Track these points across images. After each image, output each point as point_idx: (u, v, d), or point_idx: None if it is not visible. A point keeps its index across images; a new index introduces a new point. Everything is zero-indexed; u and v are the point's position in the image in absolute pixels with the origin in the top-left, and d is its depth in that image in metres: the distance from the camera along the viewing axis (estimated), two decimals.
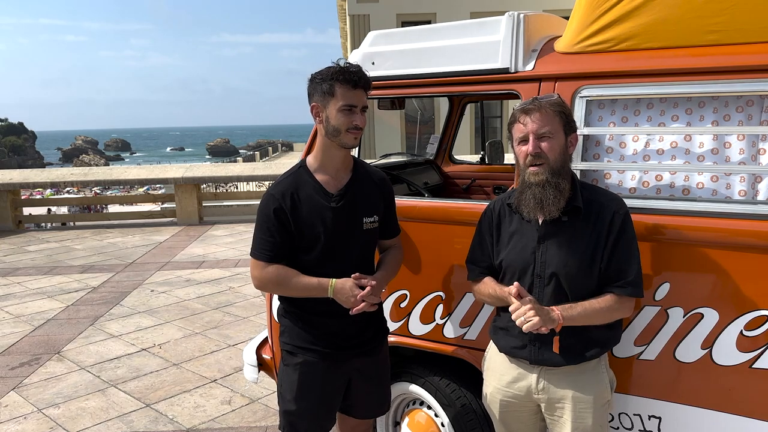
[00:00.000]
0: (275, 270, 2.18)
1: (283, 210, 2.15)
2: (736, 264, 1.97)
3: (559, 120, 1.95)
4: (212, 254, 8.51)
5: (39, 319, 5.89)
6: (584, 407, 2.00)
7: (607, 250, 1.94)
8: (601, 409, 2.02)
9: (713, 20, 2.00)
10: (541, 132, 1.93)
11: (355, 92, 2.09)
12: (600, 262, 1.95)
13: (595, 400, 2.00)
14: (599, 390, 2.01)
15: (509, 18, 2.36)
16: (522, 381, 2.09)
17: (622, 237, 1.94)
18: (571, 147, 2.01)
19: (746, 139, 2.02)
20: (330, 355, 2.26)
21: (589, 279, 1.96)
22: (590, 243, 1.95)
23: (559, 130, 1.95)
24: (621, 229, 1.94)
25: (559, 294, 1.97)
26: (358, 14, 19.43)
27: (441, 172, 4.19)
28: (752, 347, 1.97)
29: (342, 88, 2.07)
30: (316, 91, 2.12)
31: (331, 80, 2.07)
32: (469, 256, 2.23)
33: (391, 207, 2.36)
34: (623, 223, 1.95)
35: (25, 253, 8.97)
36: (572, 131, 2.01)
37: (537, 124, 1.93)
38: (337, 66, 2.10)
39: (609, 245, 1.94)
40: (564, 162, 1.97)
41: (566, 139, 1.98)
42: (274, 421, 3.74)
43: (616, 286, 1.94)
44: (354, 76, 2.08)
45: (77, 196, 21.85)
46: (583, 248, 1.95)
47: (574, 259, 1.95)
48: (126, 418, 3.86)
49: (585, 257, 1.95)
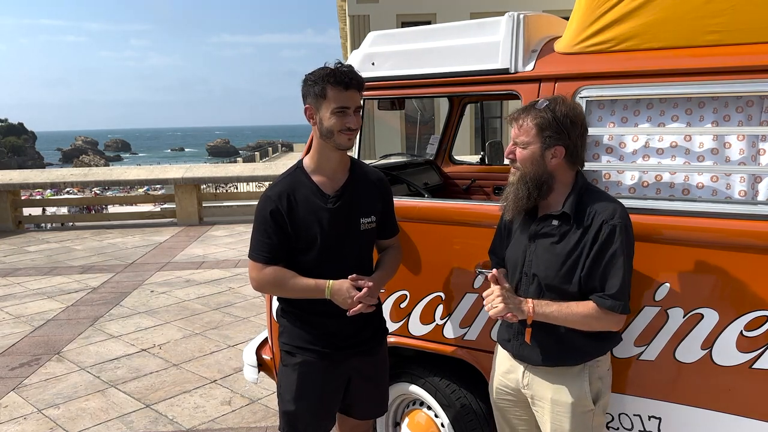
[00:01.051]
0: (273, 272, 2.18)
1: (280, 211, 2.15)
2: (736, 264, 1.97)
3: (536, 132, 1.94)
4: (212, 255, 8.51)
5: (39, 319, 5.88)
6: (561, 411, 2.00)
7: (590, 259, 1.91)
8: (580, 416, 2.00)
9: (713, 20, 1.99)
10: (516, 140, 2.00)
11: (348, 93, 2.07)
12: (581, 270, 1.93)
13: (573, 407, 1.99)
14: (579, 397, 1.99)
15: (509, 18, 2.36)
16: (513, 373, 2.14)
17: (607, 248, 1.88)
18: (554, 158, 1.94)
19: (746, 140, 2.02)
20: (329, 355, 2.26)
21: (567, 284, 1.95)
22: (574, 249, 1.94)
23: (534, 142, 1.94)
24: (606, 241, 1.88)
25: (541, 294, 2.00)
26: (358, 15, 19.44)
27: (441, 172, 4.18)
28: (752, 347, 1.97)
29: (334, 90, 2.06)
30: (309, 94, 2.11)
31: (322, 82, 2.06)
32: (490, 247, 2.27)
33: (389, 207, 2.36)
34: (611, 234, 1.88)
35: (25, 254, 8.97)
36: (554, 144, 1.92)
37: (515, 132, 2.00)
38: (328, 68, 2.08)
39: (592, 255, 1.90)
40: (539, 172, 1.95)
41: (543, 151, 1.94)
42: (274, 421, 3.74)
43: (597, 296, 1.91)
44: (345, 77, 2.06)
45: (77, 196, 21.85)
46: (565, 254, 1.94)
47: (553, 263, 1.96)
48: (126, 419, 3.86)
49: (565, 262, 1.94)
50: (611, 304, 1.89)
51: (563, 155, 1.95)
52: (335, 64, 2.11)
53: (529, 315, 1.93)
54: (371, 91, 2.70)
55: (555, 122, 1.92)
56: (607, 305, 1.89)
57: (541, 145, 1.94)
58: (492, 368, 2.27)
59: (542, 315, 1.93)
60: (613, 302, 1.89)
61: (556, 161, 1.95)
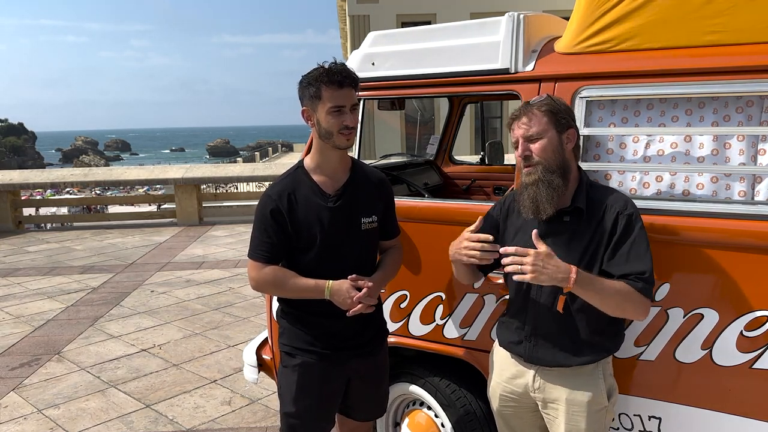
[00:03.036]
0: (272, 271, 2.18)
1: (280, 211, 2.15)
2: (736, 264, 1.97)
3: (548, 119, 1.94)
4: (212, 255, 8.51)
5: (39, 319, 5.89)
6: (577, 410, 2.00)
7: (609, 251, 1.91)
8: (595, 415, 2.00)
9: (713, 21, 1.99)
10: (528, 135, 1.95)
11: (342, 92, 2.06)
12: (600, 263, 1.93)
13: (589, 405, 1.99)
14: (594, 395, 1.99)
15: (509, 18, 2.36)
16: (520, 378, 2.10)
17: (627, 237, 1.90)
18: (569, 143, 1.97)
19: (746, 140, 2.01)
20: (328, 356, 2.26)
21: None
22: (591, 244, 1.93)
23: (548, 129, 1.94)
24: (626, 230, 1.90)
25: (556, 295, 1.96)
26: (358, 15, 19.44)
27: (441, 172, 4.18)
28: (752, 348, 1.97)
29: (328, 90, 2.05)
30: (305, 96, 2.11)
31: (316, 83, 2.06)
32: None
33: (390, 208, 2.36)
34: (628, 223, 1.90)
35: (25, 254, 8.97)
36: (567, 128, 1.97)
37: (524, 128, 1.96)
38: (322, 67, 2.08)
39: (612, 246, 1.91)
40: (560, 159, 1.95)
41: (560, 136, 1.96)
42: (274, 421, 3.74)
43: (629, 280, 1.87)
44: (338, 76, 2.05)
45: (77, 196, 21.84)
46: (582, 249, 1.94)
47: (571, 260, 1.92)
48: (126, 419, 3.86)
49: (583, 258, 1.93)
50: (642, 286, 1.86)
51: (575, 139, 1.98)
52: (329, 63, 2.10)
53: (571, 277, 1.79)
54: (371, 91, 2.70)
55: (562, 106, 1.97)
56: (639, 287, 1.86)
57: (557, 130, 1.94)
58: (490, 371, 2.25)
59: (583, 282, 1.81)
60: (644, 285, 1.86)
61: (571, 146, 1.98)
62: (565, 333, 1.98)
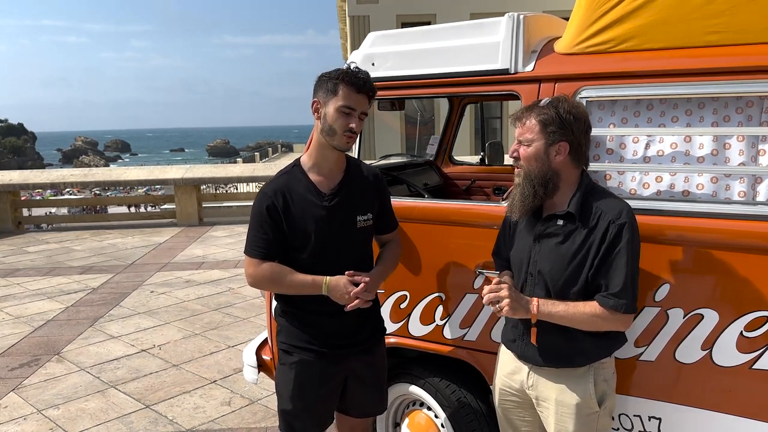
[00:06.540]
0: (269, 267, 2.19)
1: (276, 208, 2.17)
2: (736, 265, 1.97)
3: (539, 129, 1.93)
4: (212, 255, 8.51)
5: (39, 320, 5.88)
6: (566, 412, 2.00)
7: (598, 259, 1.90)
8: (585, 419, 1.99)
9: (713, 21, 1.99)
10: (520, 139, 1.99)
11: (358, 96, 2.10)
12: (588, 270, 1.92)
13: (578, 408, 1.98)
14: (583, 399, 1.99)
15: (509, 19, 2.36)
16: (517, 374, 2.13)
17: (614, 248, 1.88)
18: (558, 155, 1.93)
19: (746, 141, 2.01)
20: (326, 354, 2.26)
21: (573, 285, 1.94)
22: (581, 250, 1.93)
23: (538, 139, 1.94)
24: (614, 240, 1.88)
25: (547, 294, 1.99)
26: (358, 15, 19.44)
27: (441, 173, 4.18)
28: (752, 348, 1.97)
29: (346, 89, 2.09)
30: (320, 88, 2.15)
31: (337, 79, 2.10)
32: (494, 248, 2.27)
33: (386, 202, 2.37)
34: (618, 233, 1.87)
35: (25, 254, 8.97)
36: (558, 140, 1.92)
37: (518, 131, 1.99)
38: (348, 68, 2.14)
39: (600, 255, 1.90)
40: (544, 170, 1.94)
41: (548, 147, 1.93)
42: (274, 422, 3.74)
43: (601, 296, 1.90)
44: (360, 80, 2.10)
45: (77, 197, 21.84)
46: (571, 254, 1.94)
47: (559, 263, 1.95)
48: (126, 419, 3.86)
49: (571, 262, 1.93)
50: (614, 303, 1.87)
51: (567, 152, 1.94)
52: (354, 67, 2.16)
53: (533, 314, 1.92)
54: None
55: (558, 118, 1.92)
56: (610, 304, 1.87)
57: (545, 142, 1.93)
58: (495, 369, 2.26)
59: (547, 314, 1.93)
60: (616, 301, 1.87)
61: (561, 158, 1.94)
62: (557, 334, 1.98)
